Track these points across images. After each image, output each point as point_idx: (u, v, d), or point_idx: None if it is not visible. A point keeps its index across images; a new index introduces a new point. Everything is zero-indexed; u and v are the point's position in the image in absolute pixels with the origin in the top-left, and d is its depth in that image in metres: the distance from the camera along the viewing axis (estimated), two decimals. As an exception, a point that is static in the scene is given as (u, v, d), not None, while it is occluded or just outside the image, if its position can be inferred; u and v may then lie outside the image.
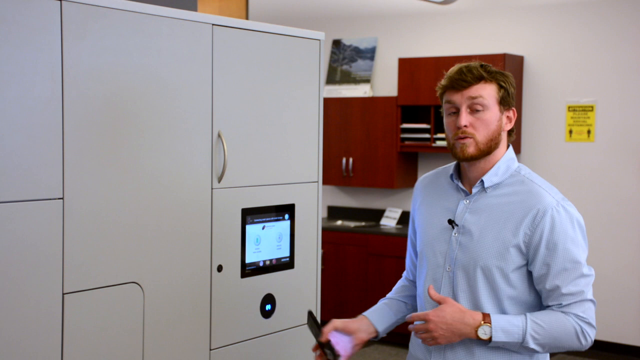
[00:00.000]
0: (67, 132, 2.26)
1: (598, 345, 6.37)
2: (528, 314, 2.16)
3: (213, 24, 2.65)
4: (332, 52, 7.68)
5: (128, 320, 2.47)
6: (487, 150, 2.22)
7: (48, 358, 2.27)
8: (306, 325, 2.38)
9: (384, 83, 7.41)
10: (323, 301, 2.75)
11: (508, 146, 2.31)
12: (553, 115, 6.57)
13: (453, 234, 2.27)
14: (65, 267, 2.29)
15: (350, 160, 7.12)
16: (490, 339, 2.13)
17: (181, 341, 2.62)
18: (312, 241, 3.09)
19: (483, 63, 2.27)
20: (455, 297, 2.24)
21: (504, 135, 2.27)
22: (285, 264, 2.99)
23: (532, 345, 2.14)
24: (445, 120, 2.28)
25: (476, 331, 2.14)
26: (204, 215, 2.67)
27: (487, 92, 2.20)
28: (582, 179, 6.44)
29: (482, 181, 2.25)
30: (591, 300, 2.22)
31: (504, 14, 6.78)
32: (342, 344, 2.32)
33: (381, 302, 2.51)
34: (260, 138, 2.85)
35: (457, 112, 2.23)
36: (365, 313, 2.46)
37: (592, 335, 2.19)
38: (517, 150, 6.66)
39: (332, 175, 7.24)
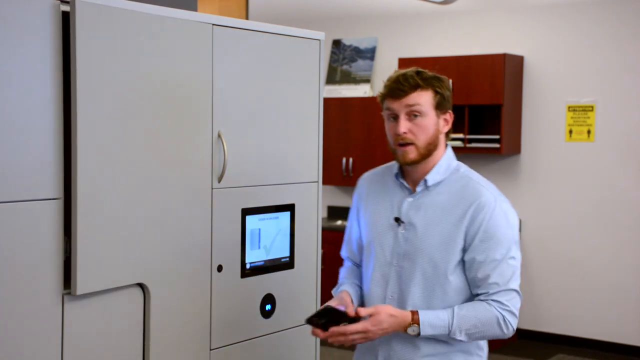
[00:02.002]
0: (77, 132, 2.27)
1: (598, 345, 6.37)
2: (456, 308, 2.31)
3: (213, 24, 2.65)
4: (332, 52, 7.68)
5: (128, 320, 2.47)
6: (427, 153, 2.36)
7: (48, 358, 2.27)
8: (307, 325, 2.37)
9: (384, 83, 7.40)
10: (323, 301, 2.75)
11: (446, 146, 2.44)
12: (553, 115, 6.57)
13: (399, 230, 2.40)
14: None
15: (350, 160, 7.12)
16: (418, 334, 2.29)
17: (181, 341, 2.62)
18: (312, 241, 3.09)
19: (420, 69, 2.39)
20: (402, 291, 2.38)
21: (442, 137, 2.41)
22: (285, 264, 2.99)
23: (458, 336, 2.30)
24: (386, 125, 2.40)
25: (405, 330, 2.30)
26: (204, 215, 2.67)
27: (424, 99, 2.33)
28: (582, 179, 6.44)
29: (425, 180, 2.39)
30: (516, 291, 2.35)
31: (504, 14, 6.78)
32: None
33: (345, 286, 2.58)
34: (260, 138, 2.85)
35: (396, 119, 2.35)
36: (342, 290, 2.54)
37: (514, 324, 2.33)
38: (517, 151, 6.66)
39: (332, 175, 7.24)
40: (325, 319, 2.32)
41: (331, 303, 2.42)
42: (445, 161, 2.41)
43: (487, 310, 2.31)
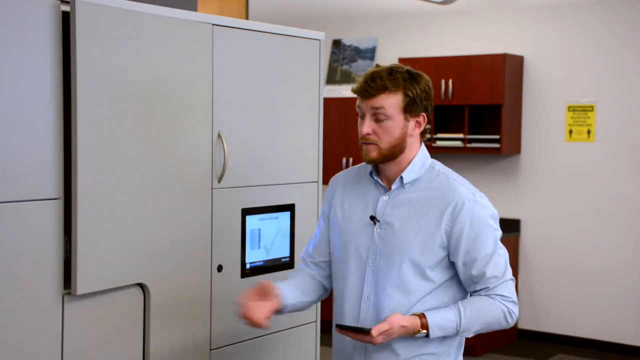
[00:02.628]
0: (78, 132, 2.27)
1: (598, 345, 6.37)
2: (460, 305, 2.28)
3: (213, 24, 2.65)
4: (332, 52, 7.69)
5: (128, 320, 2.47)
6: (391, 155, 2.31)
7: (48, 358, 2.27)
8: (307, 326, 2.36)
9: (384, 83, 7.39)
10: (323, 301, 2.75)
11: (421, 144, 2.39)
12: (553, 115, 6.57)
13: (375, 229, 2.34)
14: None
15: (350, 160, 7.12)
16: (427, 336, 2.25)
17: (181, 341, 2.62)
18: (312, 241, 3.09)
19: (394, 68, 2.30)
20: (378, 290, 2.32)
21: (415, 138, 2.34)
22: (285, 264, 2.99)
23: (466, 334, 2.29)
24: (358, 120, 2.36)
25: (414, 335, 2.25)
26: (204, 215, 2.67)
27: (390, 103, 2.26)
28: (582, 179, 6.43)
29: (401, 177, 2.33)
30: (511, 279, 2.34)
31: (504, 14, 6.78)
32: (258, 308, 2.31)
33: (300, 278, 2.50)
34: (260, 138, 2.86)
35: (363, 117, 2.31)
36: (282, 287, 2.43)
37: (516, 312, 2.33)
38: (517, 150, 6.66)
39: (332, 175, 7.22)
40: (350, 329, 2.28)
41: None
42: (420, 159, 2.35)
43: (493, 304, 2.29)
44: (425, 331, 2.23)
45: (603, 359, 6.20)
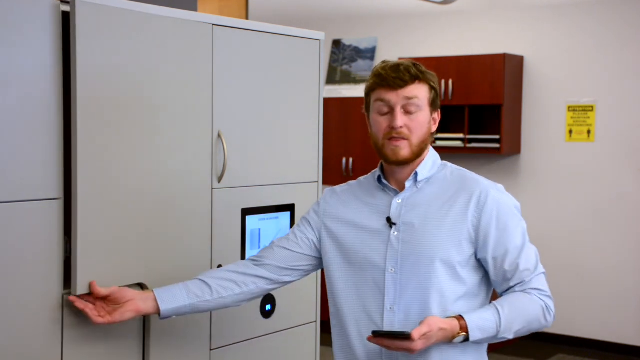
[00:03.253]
0: (77, 132, 2.27)
1: (598, 345, 6.37)
2: (496, 304, 2.11)
3: (213, 24, 2.65)
4: (332, 52, 7.69)
5: (127, 320, 2.47)
6: (419, 152, 2.20)
7: (48, 358, 2.27)
8: (308, 325, 2.35)
9: (384, 83, 7.39)
10: (323, 301, 2.75)
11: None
12: (553, 115, 6.58)
13: (392, 233, 2.19)
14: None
15: (350, 160, 7.13)
16: (464, 341, 2.08)
17: (181, 341, 2.62)
18: (312, 241, 3.09)
19: (414, 62, 2.20)
20: (404, 298, 2.15)
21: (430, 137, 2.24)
22: (285, 264, 2.98)
23: (507, 335, 2.10)
24: (374, 118, 2.20)
25: (452, 340, 2.08)
26: (204, 215, 2.67)
27: (422, 93, 2.16)
28: (582, 179, 6.44)
29: (415, 173, 2.21)
30: (544, 273, 2.21)
31: (504, 14, 6.78)
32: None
33: (195, 281, 2.33)
34: (260, 138, 2.85)
35: (389, 112, 2.16)
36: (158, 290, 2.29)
37: (553, 308, 2.17)
38: (517, 150, 6.67)
39: (332, 175, 7.24)
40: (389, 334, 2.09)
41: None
42: (431, 158, 2.25)
43: (530, 300, 2.13)
44: (464, 334, 2.05)
45: (603, 359, 6.20)
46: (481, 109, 6.72)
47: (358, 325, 2.23)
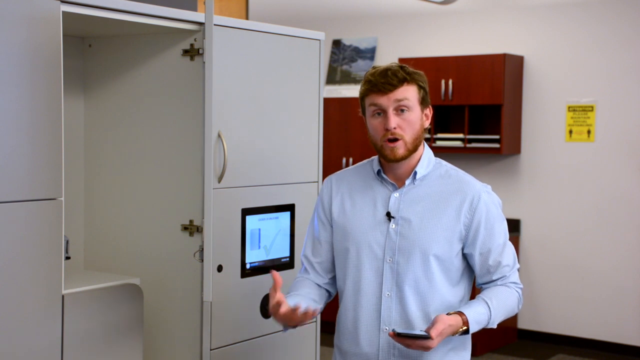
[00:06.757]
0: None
1: (598, 345, 6.37)
2: (484, 298, 2.35)
3: (213, 24, 2.65)
4: (332, 52, 7.69)
5: (127, 320, 2.47)
6: (414, 149, 2.35)
7: (48, 358, 2.27)
8: (308, 325, 2.36)
9: (384, 83, 7.38)
10: (323, 301, 2.75)
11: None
12: (553, 115, 6.57)
13: (391, 225, 2.36)
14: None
15: (350, 160, 7.12)
16: (465, 332, 2.30)
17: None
18: (312, 241, 3.08)
19: (401, 65, 2.36)
20: (400, 286, 2.35)
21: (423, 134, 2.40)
22: (285, 264, 2.99)
23: (492, 325, 2.35)
24: (370, 122, 2.36)
25: (454, 334, 2.29)
26: (204, 215, 2.66)
27: (411, 94, 2.32)
28: (582, 179, 6.44)
29: (414, 172, 2.38)
30: (518, 268, 2.46)
31: (504, 14, 6.78)
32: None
33: (308, 288, 2.49)
34: (260, 138, 2.86)
35: (383, 114, 2.32)
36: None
37: (522, 297, 2.45)
38: (517, 150, 6.67)
39: (332, 175, 7.23)
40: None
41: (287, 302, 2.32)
42: (427, 155, 2.42)
43: (510, 293, 2.39)
44: (465, 328, 2.28)
45: (603, 359, 6.20)
46: (481, 109, 6.71)
47: (355, 310, 2.40)
